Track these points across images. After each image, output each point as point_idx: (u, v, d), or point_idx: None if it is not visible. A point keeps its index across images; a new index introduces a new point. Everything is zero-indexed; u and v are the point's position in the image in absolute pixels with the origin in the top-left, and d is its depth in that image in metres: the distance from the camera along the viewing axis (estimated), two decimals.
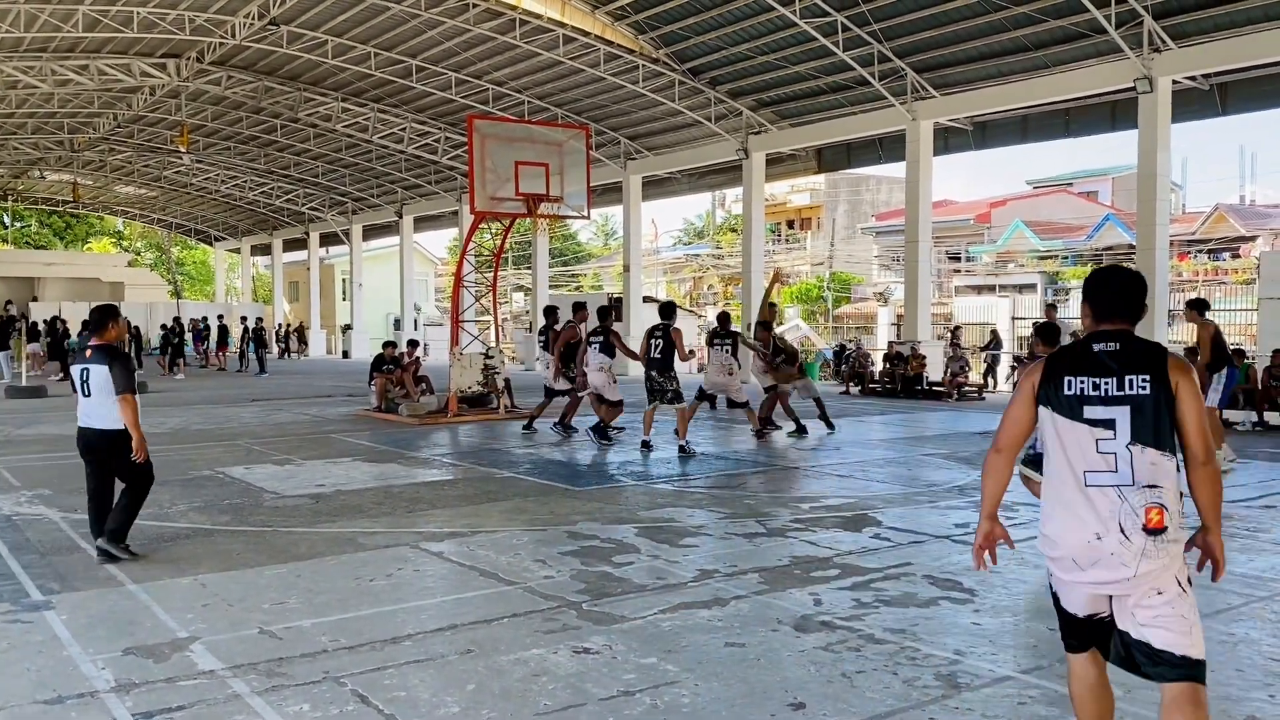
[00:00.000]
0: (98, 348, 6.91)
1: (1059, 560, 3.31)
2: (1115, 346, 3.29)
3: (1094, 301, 3.41)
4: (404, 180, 37.20)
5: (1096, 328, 3.39)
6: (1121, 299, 3.37)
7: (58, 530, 7.84)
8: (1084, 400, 3.26)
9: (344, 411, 17.91)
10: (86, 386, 6.85)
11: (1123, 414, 3.21)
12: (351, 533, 7.73)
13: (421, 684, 4.54)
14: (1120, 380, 3.24)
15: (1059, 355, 3.43)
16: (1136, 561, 3.15)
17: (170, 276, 59.51)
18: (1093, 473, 3.22)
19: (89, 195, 47.51)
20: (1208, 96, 18.72)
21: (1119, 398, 3.23)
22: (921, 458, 11.67)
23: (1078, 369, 3.30)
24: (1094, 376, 3.26)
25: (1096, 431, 3.23)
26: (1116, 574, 3.18)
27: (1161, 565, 3.17)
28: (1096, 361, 3.29)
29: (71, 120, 33.33)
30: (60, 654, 4.97)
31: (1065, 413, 3.29)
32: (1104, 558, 3.18)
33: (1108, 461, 3.20)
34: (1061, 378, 3.31)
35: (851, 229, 50.90)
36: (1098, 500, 3.20)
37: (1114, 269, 3.54)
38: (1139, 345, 3.30)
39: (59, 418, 16.58)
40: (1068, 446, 3.28)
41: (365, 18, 23.36)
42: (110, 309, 7.21)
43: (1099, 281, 3.45)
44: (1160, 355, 3.26)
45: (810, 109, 24.20)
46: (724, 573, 6.45)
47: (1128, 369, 3.24)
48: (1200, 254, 36.78)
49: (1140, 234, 18.68)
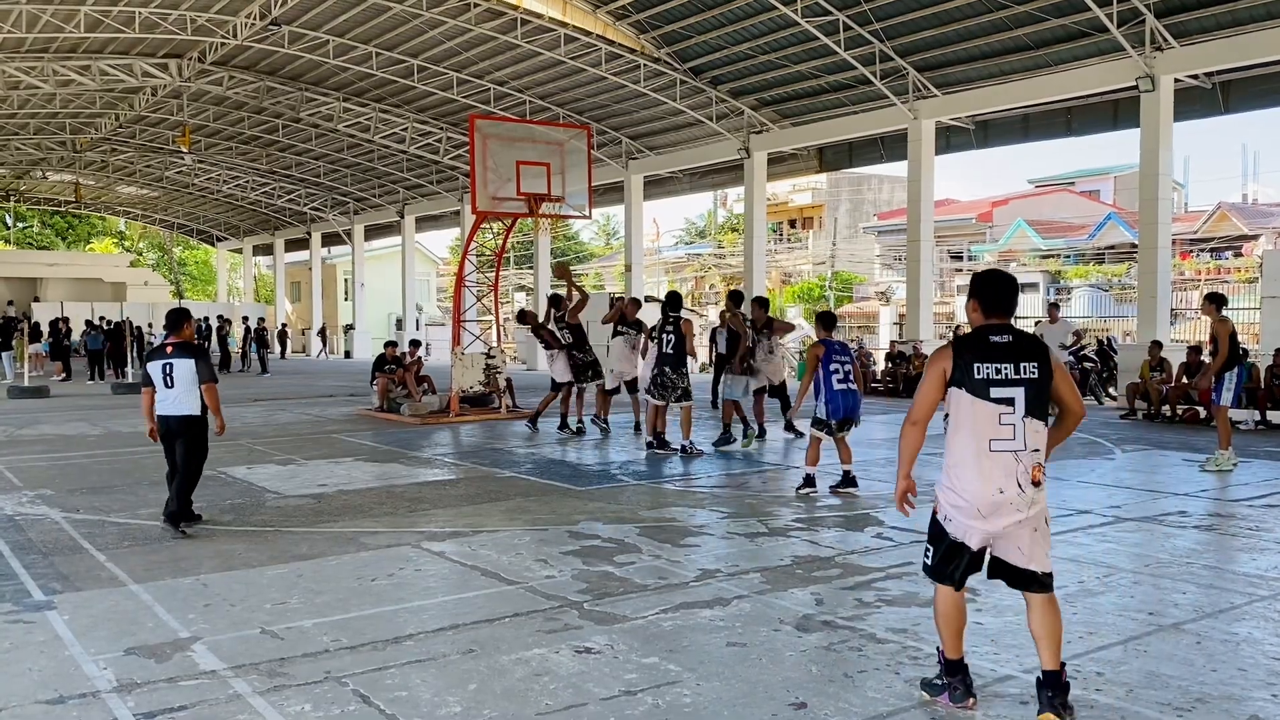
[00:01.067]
0: (178, 345, 7.89)
1: (964, 509, 4.06)
2: (1008, 339, 4.08)
3: (983, 299, 4.16)
4: (406, 180, 37.22)
5: (985, 321, 4.14)
6: (1006, 297, 4.16)
7: (60, 530, 7.85)
8: (990, 383, 4.02)
9: (346, 411, 17.92)
10: (170, 379, 7.75)
11: (1019, 393, 4.01)
12: (353, 532, 7.73)
13: (423, 684, 4.54)
14: (1017, 366, 4.03)
15: (965, 346, 4.12)
16: (1027, 508, 4.02)
17: (172, 277, 59.58)
18: (996, 440, 4.01)
19: (91, 195, 47.57)
20: (1210, 95, 18.70)
21: (1017, 380, 4.02)
22: (923, 457, 11.61)
23: (984, 357, 4.05)
24: (997, 363, 4.03)
25: (1000, 408, 4.01)
26: (1013, 518, 4.02)
27: (1039, 510, 4.06)
28: (997, 351, 4.05)
29: (74, 121, 33.38)
30: (62, 654, 4.97)
31: (977, 392, 4.02)
32: (1004, 506, 4.01)
33: (1008, 431, 4.00)
34: (971, 364, 4.04)
35: (853, 228, 50.87)
36: (1001, 462, 4.00)
37: (997, 272, 4.28)
38: (1024, 338, 4.12)
39: (60, 418, 16.62)
40: (977, 420, 4.03)
41: (366, 18, 23.39)
42: (183, 311, 8.22)
43: (988, 282, 4.19)
44: (1042, 347, 4.12)
45: (812, 108, 24.20)
46: (726, 572, 6.44)
47: (1021, 357, 4.04)
48: (1203, 253, 36.72)
49: (1142, 233, 18.66)
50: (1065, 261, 40.44)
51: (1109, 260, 39.40)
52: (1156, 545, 7.15)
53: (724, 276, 54.08)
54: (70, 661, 4.86)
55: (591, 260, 64.99)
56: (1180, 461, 11.18)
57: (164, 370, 7.76)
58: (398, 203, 39.79)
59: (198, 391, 7.77)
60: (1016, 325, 4.20)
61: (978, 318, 4.18)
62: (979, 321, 4.17)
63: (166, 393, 7.77)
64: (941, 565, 4.18)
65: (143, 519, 8.27)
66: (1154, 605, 5.67)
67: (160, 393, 7.80)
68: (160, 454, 8.14)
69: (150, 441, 8.10)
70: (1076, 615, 5.51)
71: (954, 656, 4.24)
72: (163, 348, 7.96)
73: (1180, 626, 5.28)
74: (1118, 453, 11.94)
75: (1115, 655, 4.86)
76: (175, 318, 8.08)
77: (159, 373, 7.78)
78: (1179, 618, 5.43)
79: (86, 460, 11.76)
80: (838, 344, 9.26)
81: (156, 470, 10.72)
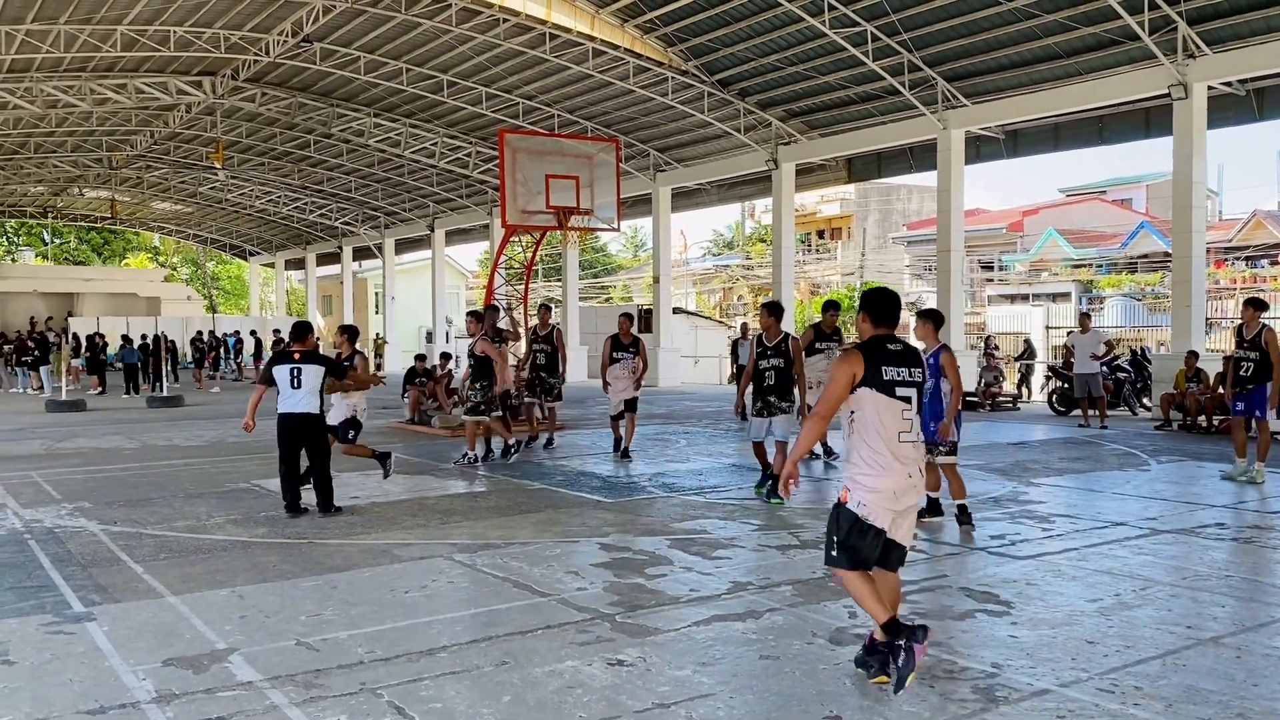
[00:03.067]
0: (304, 352, 8.93)
1: (881, 494, 4.59)
2: (900, 347, 4.73)
3: (874, 313, 4.82)
4: (435, 194, 37.49)
5: (876, 331, 4.79)
6: (892, 311, 4.83)
7: (98, 542, 7.95)
8: (895, 383, 4.64)
9: (378, 424, 18.01)
10: (298, 381, 8.79)
11: (914, 393, 4.69)
12: (386, 544, 7.78)
13: (457, 695, 4.56)
14: (910, 370, 4.69)
15: (871, 352, 4.67)
16: (921, 489, 4.73)
17: (206, 291, 60.26)
18: (903, 433, 4.63)
19: (126, 211, 48.24)
20: (1244, 102, 18.48)
21: (912, 382, 4.69)
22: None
23: (888, 361, 4.66)
24: (898, 367, 4.66)
25: (902, 405, 4.64)
26: (915, 499, 4.72)
27: (920, 492, 4.76)
28: (895, 356, 4.69)
29: (109, 138, 33.89)
30: (102, 665, 5.04)
31: (886, 392, 4.62)
32: (911, 490, 4.66)
33: (908, 425, 4.64)
34: (880, 367, 4.62)
35: (882, 238, 50.69)
36: (908, 451, 4.63)
37: (883, 290, 5.01)
38: (909, 346, 4.81)
39: (97, 431, 16.84)
40: (884, 416, 4.61)
41: (397, 34, 23.62)
42: (307, 324, 9.36)
43: (877, 298, 4.87)
44: (919, 353, 4.90)
45: (840, 119, 24.15)
46: (757, 585, 6.43)
47: (911, 363, 4.73)
48: (1238, 261, 36.28)
49: (1176, 241, 18.48)
50: (1097, 271, 40.07)
51: (1142, 269, 39.00)
52: (1194, 558, 7.07)
53: (752, 287, 54.00)
54: (110, 672, 4.92)
55: (619, 272, 65.16)
56: (1217, 473, 11.03)
57: (292, 374, 8.79)
58: (428, 216, 40.08)
59: (319, 394, 8.89)
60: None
61: (868, 328, 4.83)
62: (870, 332, 4.82)
63: (292, 393, 8.80)
64: (852, 552, 4.62)
65: (179, 531, 8.37)
66: (1192, 619, 5.60)
67: (285, 393, 8.82)
68: (195, 468, 8.29)
69: (176, 457, 8.37)
70: (1113, 629, 5.46)
71: (886, 618, 4.54)
72: (289, 353, 8.99)
73: (1220, 640, 5.22)
74: (1153, 464, 11.80)
75: (1154, 669, 4.80)
76: (301, 329, 9.21)
77: (286, 375, 8.80)
78: (1218, 631, 5.37)
79: (123, 473, 11.90)
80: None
81: (191, 483, 10.89)
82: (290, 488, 9.03)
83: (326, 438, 9.16)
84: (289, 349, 9.16)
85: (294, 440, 8.98)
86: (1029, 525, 8.28)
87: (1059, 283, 39.32)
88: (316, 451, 9.03)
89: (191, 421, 18.63)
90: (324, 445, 9.09)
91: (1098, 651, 5.08)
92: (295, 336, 9.26)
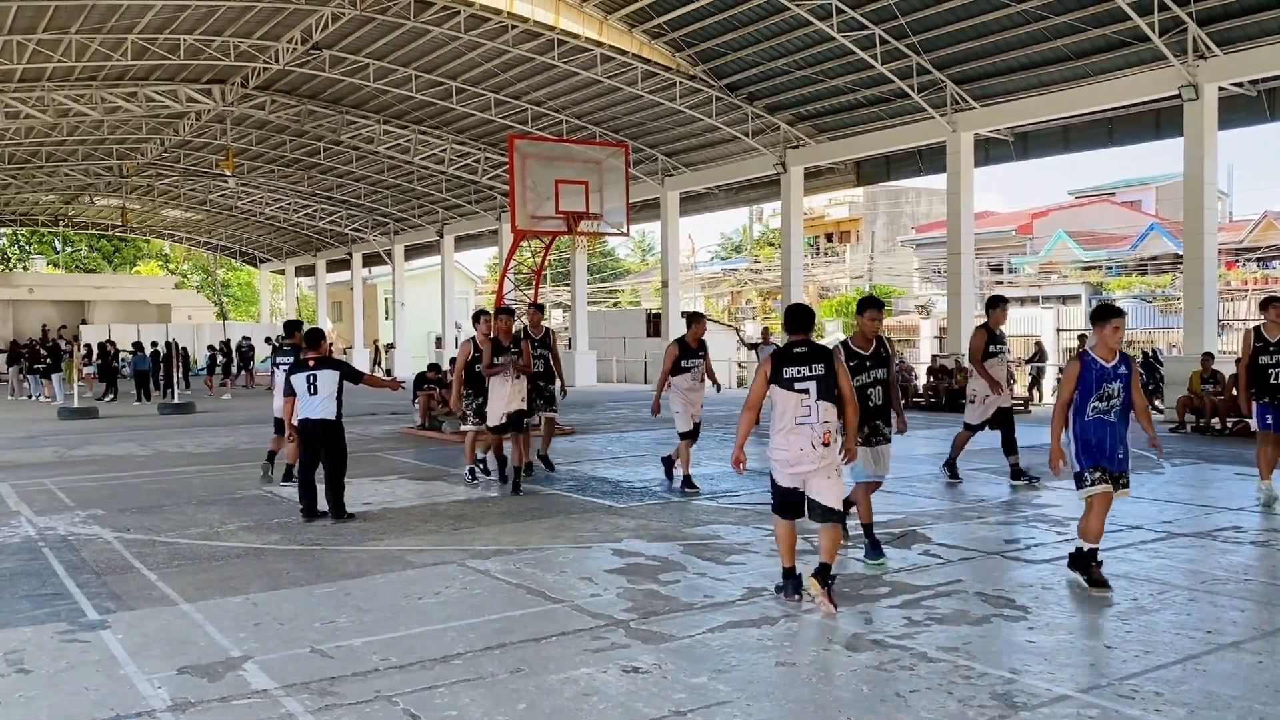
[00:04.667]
0: (318, 359, 9.15)
1: (784, 460, 6.00)
2: (806, 350, 6.04)
3: (787, 324, 6.27)
4: (444, 200, 37.55)
5: (791, 338, 6.12)
6: (804, 322, 6.20)
7: (112, 550, 7.96)
8: (794, 380, 5.96)
9: (388, 429, 18.05)
10: (314, 387, 8.98)
11: (813, 385, 5.96)
12: (399, 550, 7.78)
13: (473, 703, 4.55)
14: (810, 367, 5.98)
15: (778, 356, 6.03)
16: (817, 460, 5.94)
17: (216, 298, 60.44)
18: (799, 418, 5.92)
19: (137, 219, 48.43)
20: (1255, 103, 18.40)
21: (810, 376, 5.96)
22: (969, 473, 11.50)
23: (789, 363, 6.00)
24: (798, 366, 5.96)
25: (800, 395, 5.94)
26: (809, 467, 5.95)
27: (829, 463, 5.99)
28: (798, 358, 6.00)
29: (120, 146, 34.03)
30: (117, 673, 5.04)
31: (786, 387, 5.97)
32: (805, 459, 5.95)
33: (806, 411, 5.91)
34: (781, 368, 5.95)
35: (891, 241, 50.57)
36: (803, 431, 5.91)
37: (797, 305, 6.40)
38: (816, 347, 6.08)
39: (109, 439, 16.89)
40: (787, 403, 5.93)
41: (406, 41, 23.68)
42: (319, 331, 9.51)
43: (790, 313, 6.30)
44: (828, 353, 6.12)
45: (848, 122, 24.13)
46: (772, 591, 6.40)
47: (813, 361, 5.99)
48: (1249, 262, 36.12)
49: (1187, 243, 18.40)
50: (1107, 273, 39.93)
51: (1152, 271, 38.86)
52: (1211, 561, 7.02)
53: (760, 291, 53.95)
54: (125, 680, 4.92)
55: (627, 276, 65.15)
56: (1233, 475, 10.97)
57: (309, 380, 8.99)
58: (437, 223, 40.14)
59: (336, 399, 9.04)
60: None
61: (789, 335, 6.17)
62: (789, 338, 6.14)
63: (310, 400, 8.99)
64: (782, 505, 6.07)
65: (192, 538, 8.38)
66: (1211, 623, 5.56)
67: (303, 399, 9.00)
68: (207, 474, 8.33)
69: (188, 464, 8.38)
70: (1131, 633, 5.42)
71: (788, 565, 6.13)
72: (304, 362, 9.17)
73: (1239, 645, 5.17)
74: (1167, 467, 11.74)
75: (1174, 674, 4.76)
76: (314, 336, 9.43)
77: (303, 383, 9.01)
78: (1238, 636, 5.32)
79: (135, 480, 11.93)
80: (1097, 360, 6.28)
81: (204, 490, 10.92)
82: (307, 492, 9.14)
83: (344, 443, 9.22)
84: (305, 357, 9.31)
85: (313, 445, 9.12)
86: (1044, 529, 8.24)
87: (1068, 285, 39.17)
88: (333, 456, 9.10)
89: (203, 428, 18.68)
90: (341, 450, 9.17)
91: (1116, 657, 5.05)
92: (309, 344, 9.47)
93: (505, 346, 10.59)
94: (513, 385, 10.47)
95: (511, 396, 10.45)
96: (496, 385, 10.44)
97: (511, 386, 10.44)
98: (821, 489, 5.95)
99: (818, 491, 5.95)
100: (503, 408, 10.44)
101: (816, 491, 5.95)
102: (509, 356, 10.52)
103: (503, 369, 10.40)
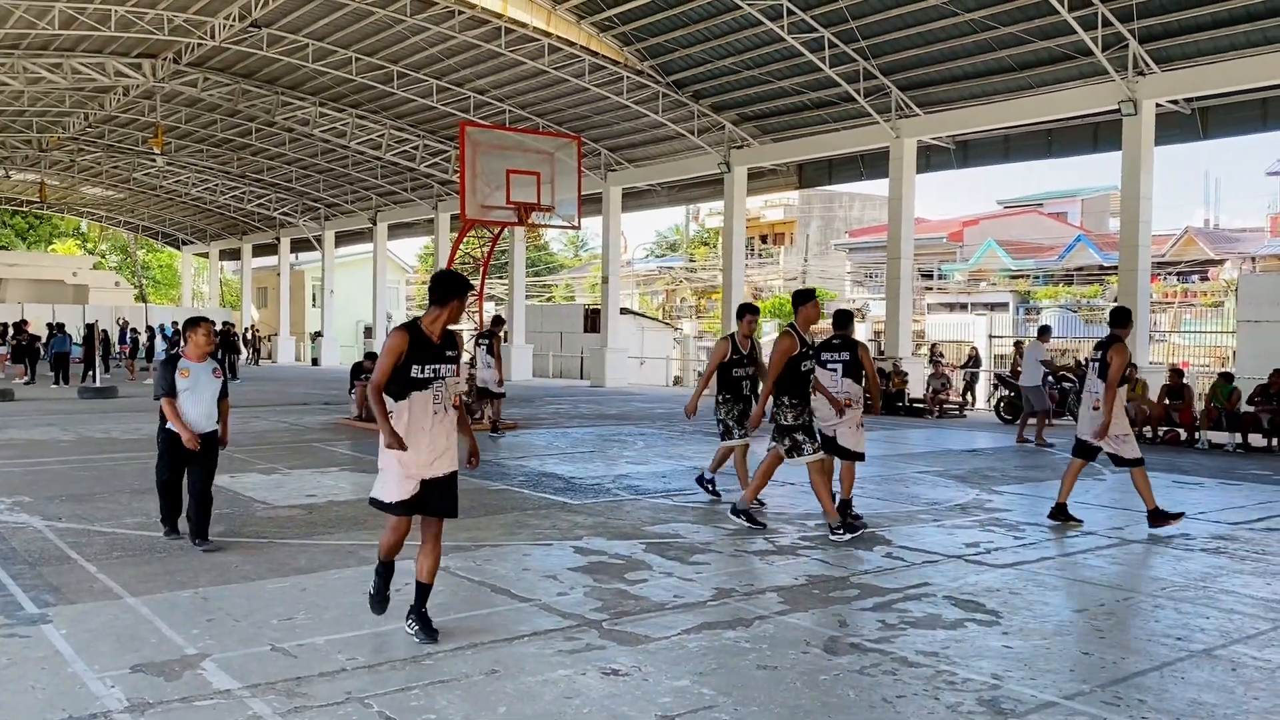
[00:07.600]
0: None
1: (822, 417, 8.08)
2: (839, 341, 8.10)
3: (836, 322, 8.52)
4: (379, 187, 36.87)
5: (835, 331, 8.37)
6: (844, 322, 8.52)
7: (44, 539, 7.56)
8: (827, 362, 8.14)
9: (323, 420, 17.61)
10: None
11: (840, 365, 8.24)
12: (352, 545, 7.53)
13: (450, 706, 4.37)
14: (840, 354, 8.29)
15: (823, 344, 8.27)
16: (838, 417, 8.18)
17: (136, 280, 58.61)
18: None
19: (55, 196, 46.69)
20: (1189, 120, 18.93)
21: (839, 361, 8.09)
22: (916, 475, 11.60)
23: (828, 349, 8.25)
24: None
25: (831, 373, 8.08)
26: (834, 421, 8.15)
27: (848, 418, 8.17)
28: (835, 346, 8.17)
29: (41, 119, 32.76)
30: (65, 671, 4.74)
31: (822, 365, 7.96)
32: (833, 416, 8.08)
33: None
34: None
35: (825, 245, 51.11)
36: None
37: (844, 310, 8.65)
38: (848, 339, 8.11)
39: (28, 422, 16.19)
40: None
41: (348, 22, 23.15)
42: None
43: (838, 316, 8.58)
44: (855, 343, 8.24)
45: (794, 124, 24.25)
46: (741, 592, 6.32)
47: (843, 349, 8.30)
48: (1170, 276, 37.25)
49: (1123, 254, 18.84)
50: (1034, 282, 40.85)
51: (1077, 281, 39.87)
52: (1168, 568, 7.12)
53: (695, 290, 54.11)
54: (74, 679, 4.63)
55: (562, 271, 64.81)
56: (1170, 483, 11.20)
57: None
58: (370, 209, 39.42)
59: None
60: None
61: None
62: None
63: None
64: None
65: (129, 529, 8.02)
66: (1180, 630, 5.61)
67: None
68: (137, 461, 7.99)
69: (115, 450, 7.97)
70: (1105, 639, 5.45)
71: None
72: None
73: (1211, 652, 5.22)
74: (1106, 474, 11.95)
75: (1153, 682, 4.78)
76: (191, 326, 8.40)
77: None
78: (1209, 643, 5.37)
79: (61, 466, 11.41)
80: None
81: (136, 478, 10.47)
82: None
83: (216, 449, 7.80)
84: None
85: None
86: (1000, 533, 8.29)
87: (997, 292, 40.01)
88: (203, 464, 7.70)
89: (127, 414, 18.01)
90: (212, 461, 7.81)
91: (1094, 663, 5.05)
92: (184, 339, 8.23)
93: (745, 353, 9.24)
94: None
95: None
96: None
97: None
98: (845, 435, 8.22)
99: (843, 437, 8.22)
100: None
101: (842, 438, 8.22)
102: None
103: None
